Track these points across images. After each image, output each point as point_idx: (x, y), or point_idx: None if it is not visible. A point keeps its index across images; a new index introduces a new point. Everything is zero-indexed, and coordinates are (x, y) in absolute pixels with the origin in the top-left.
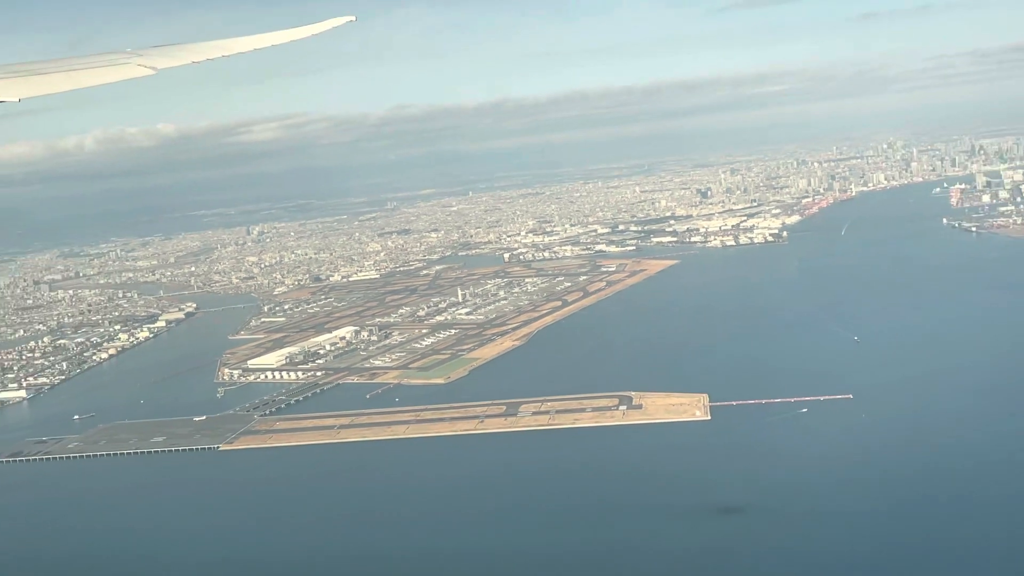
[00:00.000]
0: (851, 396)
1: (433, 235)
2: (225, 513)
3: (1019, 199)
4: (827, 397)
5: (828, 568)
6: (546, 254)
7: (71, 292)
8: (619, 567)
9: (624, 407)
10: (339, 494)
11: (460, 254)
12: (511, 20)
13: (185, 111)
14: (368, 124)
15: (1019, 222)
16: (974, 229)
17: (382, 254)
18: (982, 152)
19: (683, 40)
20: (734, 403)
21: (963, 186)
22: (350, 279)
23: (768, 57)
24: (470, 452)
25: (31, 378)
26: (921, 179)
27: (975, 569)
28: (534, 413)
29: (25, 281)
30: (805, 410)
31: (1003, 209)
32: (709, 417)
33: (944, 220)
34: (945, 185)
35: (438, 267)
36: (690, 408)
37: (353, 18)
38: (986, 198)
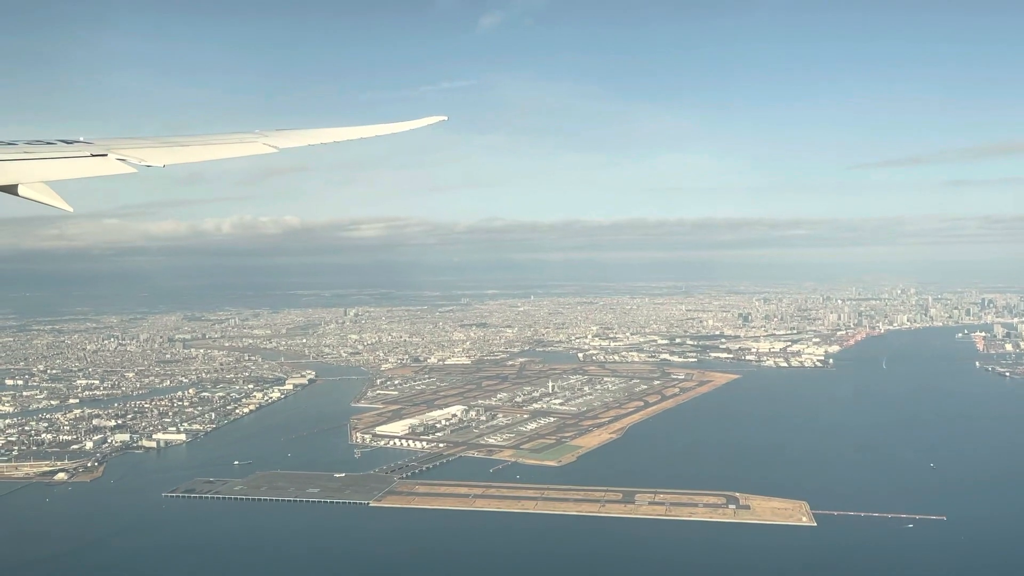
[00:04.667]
0: (945, 517)
1: (508, 330)
2: (392, 566)
3: None
4: (922, 516)
5: None
6: (615, 357)
7: (202, 351)
8: None
9: (733, 506)
10: (499, 557)
11: (537, 349)
12: (596, 162)
13: (311, 207)
14: (456, 231)
15: None
16: (1007, 374)
17: (467, 343)
18: (992, 305)
19: (737, 188)
20: (835, 512)
21: (984, 334)
22: (445, 362)
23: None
24: (603, 532)
25: (186, 424)
26: (940, 324)
27: None
28: (650, 503)
29: (160, 338)
30: (911, 526)
31: None
32: (815, 524)
33: (977, 363)
34: (966, 331)
35: (521, 359)
36: (795, 513)
37: (445, 117)
38: (1009, 347)
